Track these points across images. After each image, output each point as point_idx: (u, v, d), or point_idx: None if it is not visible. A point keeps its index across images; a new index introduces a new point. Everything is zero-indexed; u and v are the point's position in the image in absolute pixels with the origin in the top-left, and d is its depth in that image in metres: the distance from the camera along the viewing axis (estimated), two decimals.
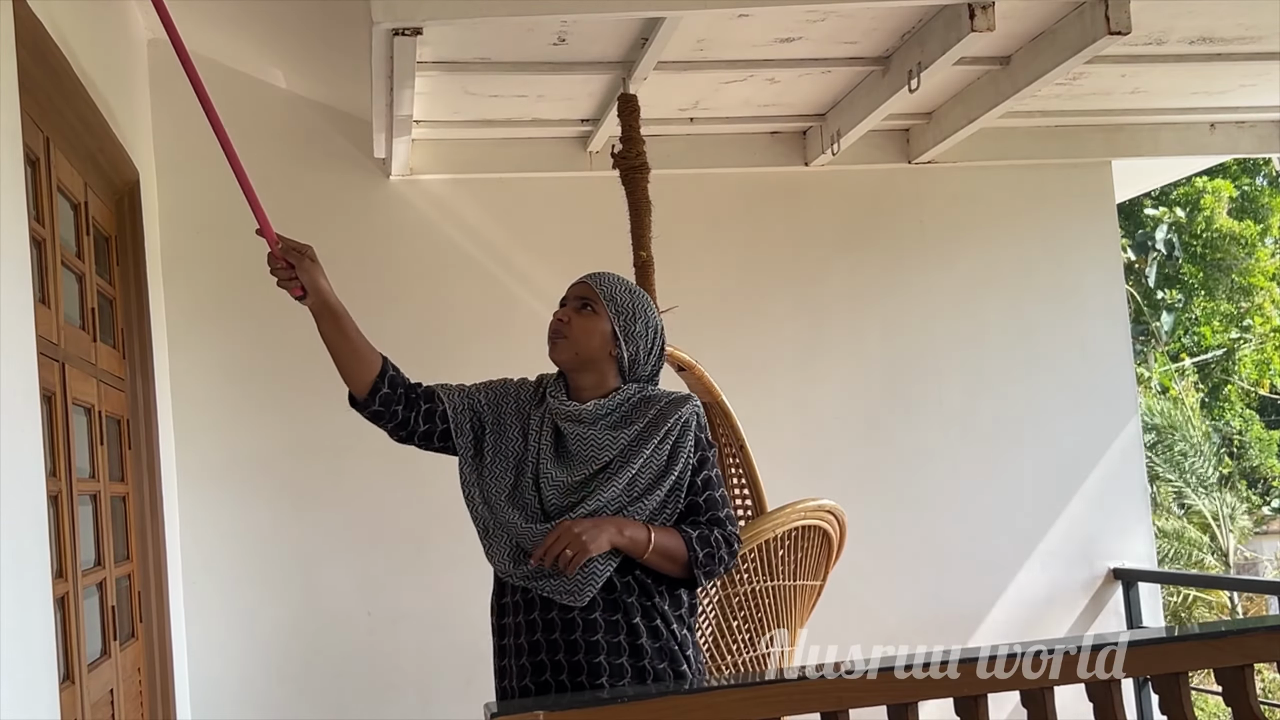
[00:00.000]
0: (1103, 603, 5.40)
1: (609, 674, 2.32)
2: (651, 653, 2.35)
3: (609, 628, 2.34)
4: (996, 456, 5.36)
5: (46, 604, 2.47)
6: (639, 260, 3.75)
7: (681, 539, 2.35)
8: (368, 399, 2.52)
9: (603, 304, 2.51)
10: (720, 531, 2.39)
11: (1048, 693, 2.24)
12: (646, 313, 2.55)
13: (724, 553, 2.39)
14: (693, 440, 2.45)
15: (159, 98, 4.68)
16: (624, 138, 3.88)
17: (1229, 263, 15.44)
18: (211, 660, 4.60)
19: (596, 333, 2.49)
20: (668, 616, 2.39)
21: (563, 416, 2.46)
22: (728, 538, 2.40)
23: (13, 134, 2.44)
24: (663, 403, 2.47)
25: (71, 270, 3.29)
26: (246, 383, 4.78)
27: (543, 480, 2.43)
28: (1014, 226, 5.48)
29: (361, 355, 2.52)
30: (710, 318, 4.99)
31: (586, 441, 2.43)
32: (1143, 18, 3.75)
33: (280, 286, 2.50)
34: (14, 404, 2.29)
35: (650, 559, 2.33)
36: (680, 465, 2.42)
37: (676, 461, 2.42)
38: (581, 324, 2.50)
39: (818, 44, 4.08)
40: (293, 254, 2.49)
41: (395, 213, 4.94)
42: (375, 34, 3.39)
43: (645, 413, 2.45)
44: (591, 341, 2.49)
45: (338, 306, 2.53)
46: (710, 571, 2.37)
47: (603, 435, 2.43)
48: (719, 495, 2.46)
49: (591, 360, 2.49)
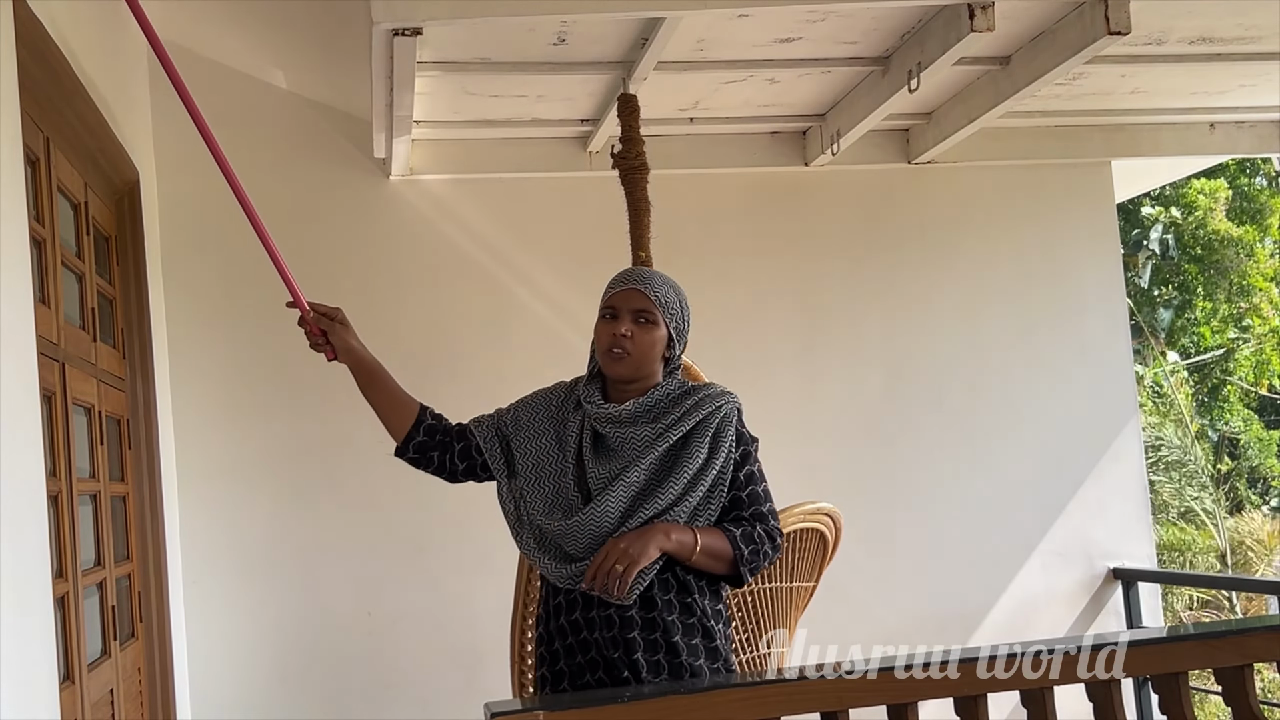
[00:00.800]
0: (1103, 603, 5.41)
1: (648, 670, 2.34)
2: (688, 650, 2.36)
3: (645, 625, 2.35)
4: (996, 456, 5.36)
5: (46, 604, 2.47)
6: (638, 260, 3.75)
7: (726, 538, 2.37)
8: (403, 448, 2.57)
9: (659, 312, 2.47)
10: (763, 527, 2.42)
11: (1048, 693, 2.24)
12: (688, 306, 2.57)
13: (767, 548, 2.41)
14: (734, 434, 2.46)
15: (159, 98, 4.67)
16: (624, 138, 3.88)
17: (1225, 264, 15.46)
18: (211, 660, 4.60)
19: (658, 343, 2.48)
20: (708, 613, 2.41)
21: (602, 421, 2.47)
22: (770, 533, 2.42)
23: (13, 134, 2.44)
24: (700, 395, 2.47)
25: (71, 270, 3.29)
26: (246, 382, 4.78)
27: (588, 477, 2.44)
28: (1014, 226, 5.48)
29: (398, 407, 2.57)
30: (710, 318, 4.96)
31: (627, 440, 2.43)
32: (1142, 18, 3.75)
33: (313, 350, 2.60)
34: (14, 404, 2.29)
35: (698, 560, 2.36)
36: (722, 459, 2.43)
37: (718, 456, 2.42)
38: (644, 338, 2.46)
39: (817, 44, 4.08)
40: (323, 321, 2.58)
41: (395, 213, 4.94)
42: (375, 34, 3.39)
43: (683, 404, 2.45)
44: (654, 353, 2.48)
45: (372, 364, 2.59)
46: (755, 568, 2.39)
47: (641, 431, 2.43)
48: (762, 490, 2.48)
49: (647, 364, 2.49)
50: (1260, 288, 15.43)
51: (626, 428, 2.44)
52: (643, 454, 2.41)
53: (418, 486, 4.80)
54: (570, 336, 4.91)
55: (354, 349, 2.58)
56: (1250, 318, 15.62)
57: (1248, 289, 15.51)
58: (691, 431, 2.42)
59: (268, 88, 4.86)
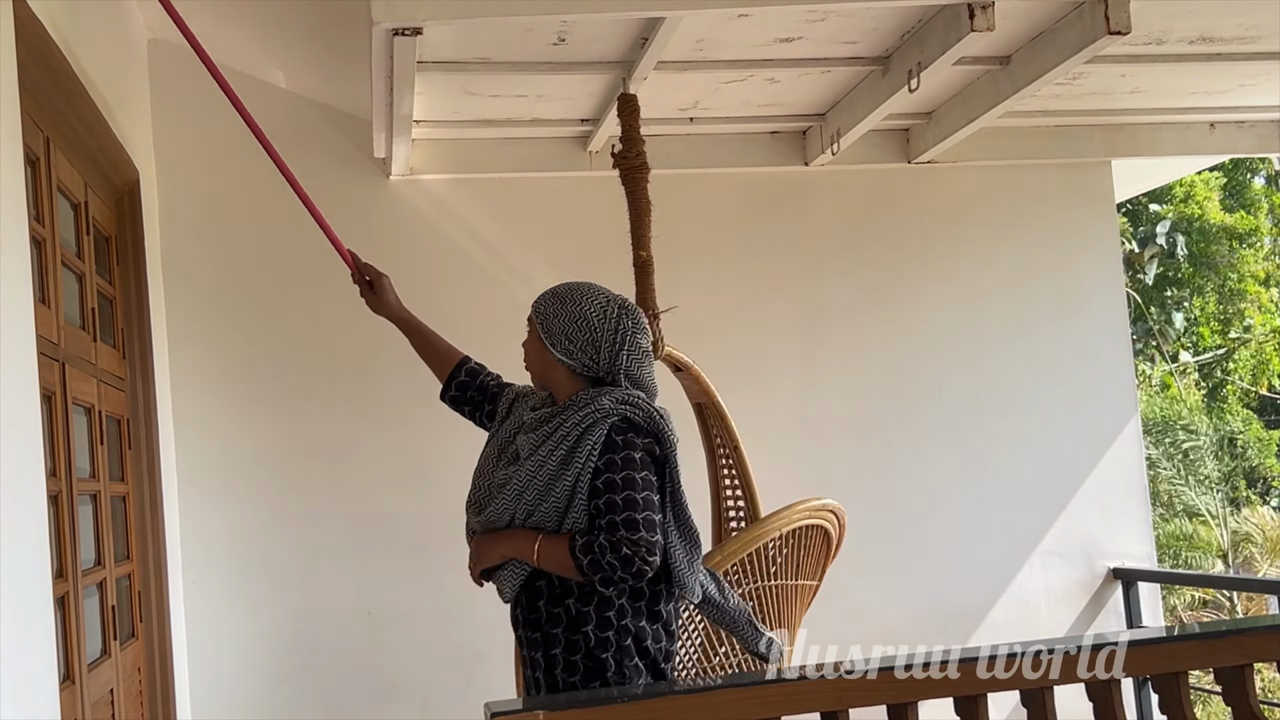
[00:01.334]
0: (1103, 603, 5.40)
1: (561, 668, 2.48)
2: (566, 645, 2.47)
3: (528, 624, 2.54)
4: (996, 456, 5.36)
5: (47, 604, 2.47)
6: (639, 260, 3.74)
7: (566, 547, 2.45)
8: (445, 389, 2.91)
9: (531, 321, 2.70)
10: (608, 537, 2.41)
11: (1048, 693, 2.24)
12: (569, 308, 2.65)
13: (610, 558, 2.40)
14: (598, 444, 2.50)
15: (159, 98, 4.68)
16: (624, 138, 3.88)
17: (1217, 260, 15.50)
18: (211, 660, 4.60)
19: (534, 348, 2.69)
20: (586, 616, 2.46)
21: (513, 428, 2.69)
22: (615, 544, 2.40)
23: (13, 134, 2.44)
24: (582, 410, 2.54)
25: (71, 270, 3.29)
26: (247, 382, 4.78)
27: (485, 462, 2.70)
28: (1014, 226, 5.48)
29: (441, 356, 2.97)
30: (710, 318, 4.99)
31: (524, 446, 2.58)
32: (1142, 18, 3.75)
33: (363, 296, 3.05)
34: (14, 404, 2.29)
35: (543, 566, 2.48)
36: (575, 470, 2.49)
37: (570, 466, 2.49)
38: (528, 345, 2.73)
39: (818, 44, 4.08)
40: (371, 271, 3.11)
41: (395, 212, 4.94)
42: (375, 34, 3.39)
43: (564, 418, 2.55)
44: (533, 356, 2.69)
45: (412, 320, 3.04)
46: (605, 578, 2.43)
47: (526, 439, 2.58)
48: (621, 499, 2.45)
49: (543, 374, 2.67)
50: (1250, 292, 15.47)
51: (527, 433, 2.60)
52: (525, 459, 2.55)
53: (418, 486, 4.85)
54: None
55: (392, 306, 3.04)
56: (1247, 315, 15.65)
57: (1239, 292, 15.57)
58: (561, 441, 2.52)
59: (268, 87, 4.86)
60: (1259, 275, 15.73)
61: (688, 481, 2.61)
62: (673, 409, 4.46)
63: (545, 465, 2.51)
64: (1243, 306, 15.60)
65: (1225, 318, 15.79)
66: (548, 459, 2.51)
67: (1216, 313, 15.80)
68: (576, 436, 2.50)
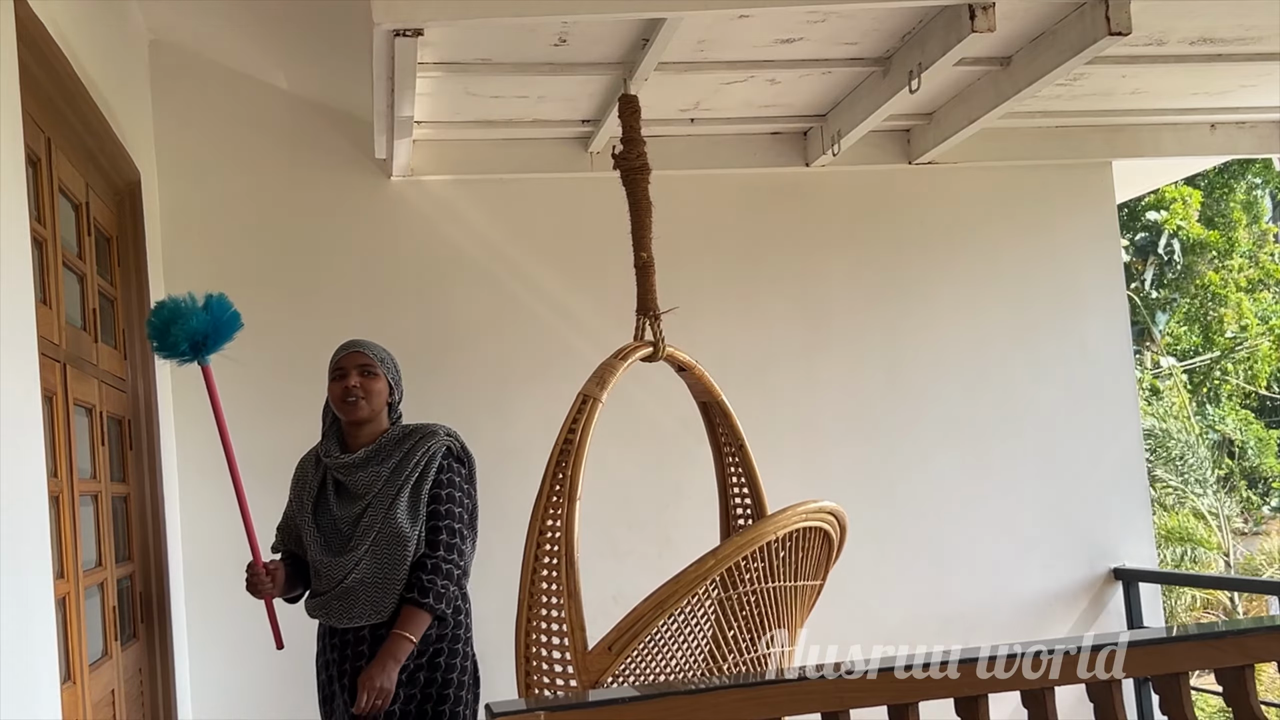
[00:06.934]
0: (1103, 603, 5.40)
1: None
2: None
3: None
4: (997, 457, 5.36)
5: (47, 604, 2.48)
6: (640, 261, 3.75)
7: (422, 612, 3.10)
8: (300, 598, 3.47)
9: (379, 366, 3.30)
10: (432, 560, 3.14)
11: (1048, 693, 2.24)
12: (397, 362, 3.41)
13: (445, 583, 3.14)
14: (436, 467, 3.20)
15: (160, 98, 4.68)
16: (625, 138, 3.88)
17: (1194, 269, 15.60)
18: (213, 660, 4.59)
19: (381, 391, 3.30)
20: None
21: (338, 469, 3.25)
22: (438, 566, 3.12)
23: (14, 134, 2.45)
24: (417, 438, 3.23)
25: (73, 270, 3.29)
26: (247, 382, 4.77)
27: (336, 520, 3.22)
28: (1014, 226, 5.48)
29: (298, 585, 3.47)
30: (710, 318, 4.99)
31: (359, 482, 3.21)
32: (1143, 18, 3.75)
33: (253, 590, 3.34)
34: (15, 404, 2.29)
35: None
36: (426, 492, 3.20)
37: (422, 490, 3.19)
38: (370, 385, 3.27)
39: (818, 45, 4.08)
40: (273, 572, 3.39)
41: (396, 214, 4.94)
42: (376, 35, 3.39)
43: (403, 446, 3.22)
44: (381, 399, 3.29)
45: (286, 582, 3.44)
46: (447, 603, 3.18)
47: (370, 471, 3.20)
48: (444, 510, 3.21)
49: (377, 413, 3.29)
50: (1231, 298, 15.54)
51: (359, 470, 3.20)
52: (376, 491, 3.17)
53: None
54: (571, 337, 4.91)
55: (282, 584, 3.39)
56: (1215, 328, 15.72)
57: (1220, 297, 15.65)
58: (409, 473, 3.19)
59: (269, 88, 4.86)
60: (1240, 283, 15.82)
61: (696, 479, 2.67)
62: (677, 409, 4.50)
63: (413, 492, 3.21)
64: (1223, 313, 15.70)
65: (1207, 321, 15.87)
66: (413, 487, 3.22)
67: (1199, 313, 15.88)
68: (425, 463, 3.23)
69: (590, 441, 3.32)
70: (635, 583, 3.48)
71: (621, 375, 3.47)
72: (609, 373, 3.44)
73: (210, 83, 4.77)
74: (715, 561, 3.14)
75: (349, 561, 3.19)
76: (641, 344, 3.61)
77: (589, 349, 4.20)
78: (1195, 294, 15.87)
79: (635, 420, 4.78)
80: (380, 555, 3.16)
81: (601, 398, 3.39)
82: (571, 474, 3.23)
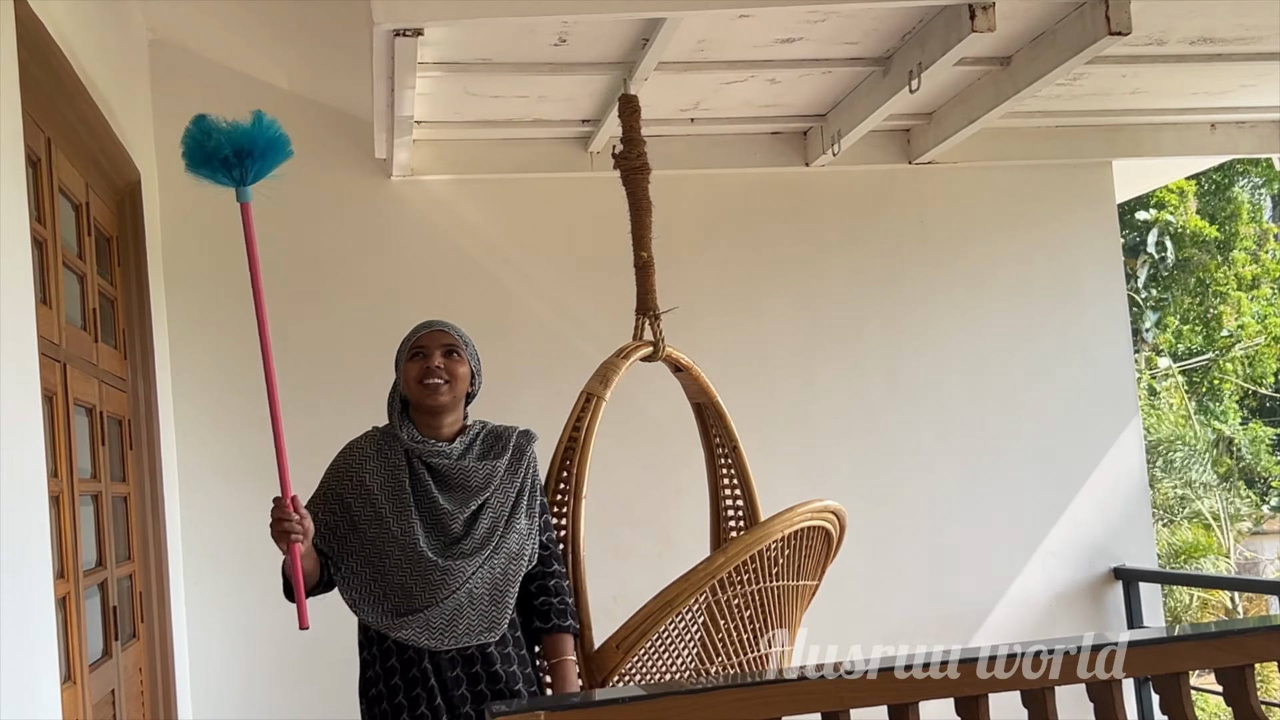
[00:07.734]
0: (1103, 603, 5.40)
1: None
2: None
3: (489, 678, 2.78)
4: (997, 456, 5.36)
5: (48, 604, 2.48)
6: (639, 261, 3.74)
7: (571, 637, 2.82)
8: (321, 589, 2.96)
9: (464, 348, 2.81)
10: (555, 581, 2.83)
11: (1048, 693, 2.24)
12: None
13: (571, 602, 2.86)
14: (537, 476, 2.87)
15: (160, 98, 4.68)
16: (625, 138, 3.87)
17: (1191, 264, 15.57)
18: (213, 660, 4.59)
19: (465, 377, 2.80)
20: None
21: (432, 455, 2.74)
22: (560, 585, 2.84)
23: (14, 134, 2.45)
24: (514, 436, 2.84)
25: (73, 270, 3.29)
26: (248, 382, 4.74)
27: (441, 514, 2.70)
28: (1014, 226, 5.49)
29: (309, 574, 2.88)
30: (710, 318, 4.99)
31: (474, 474, 2.73)
32: (1143, 18, 3.76)
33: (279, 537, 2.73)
34: (15, 404, 2.29)
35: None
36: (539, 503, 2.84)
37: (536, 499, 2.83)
38: (454, 369, 2.77)
39: (818, 44, 4.08)
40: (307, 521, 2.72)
41: (396, 213, 4.95)
42: (376, 35, 3.39)
43: (504, 445, 2.81)
44: (462, 386, 2.79)
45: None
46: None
47: (474, 465, 2.74)
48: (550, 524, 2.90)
49: (458, 401, 2.80)
50: (1231, 296, 15.52)
51: (458, 461, 2.73)
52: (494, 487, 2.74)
53: None
54: (571, 337, 4.91)
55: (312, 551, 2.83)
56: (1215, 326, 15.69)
57: (1221, 294, 15.62)
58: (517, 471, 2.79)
59: (269, 88, 4.86)
60: (1243, 277, 15.79)
61: (698, 479, 2.68)
62: (678, 409, 4.50)
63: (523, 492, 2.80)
64: (1222, 308, 15.67)
65: (1207, 318, 15.85)
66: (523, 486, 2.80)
67: (1198, 312, 15.86)
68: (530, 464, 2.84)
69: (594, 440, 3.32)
70: (636, 582, 3.49)
71: (623, 374, 3.47)
72: (612, 371, 3.43)
73: (210, 83, 4.76)
74: (724, 560, 3.14)
75: (467, 567, 2.67)
76: (642, 343, 3.60)
77: (589, 349, 4.19)
78: (1194, 289, 15.84)
79: (636, 420, 4.77)
80: (501, 567, 2.71)
81: (605, 396, 3.38)
82: (577, 472, 3.23)
